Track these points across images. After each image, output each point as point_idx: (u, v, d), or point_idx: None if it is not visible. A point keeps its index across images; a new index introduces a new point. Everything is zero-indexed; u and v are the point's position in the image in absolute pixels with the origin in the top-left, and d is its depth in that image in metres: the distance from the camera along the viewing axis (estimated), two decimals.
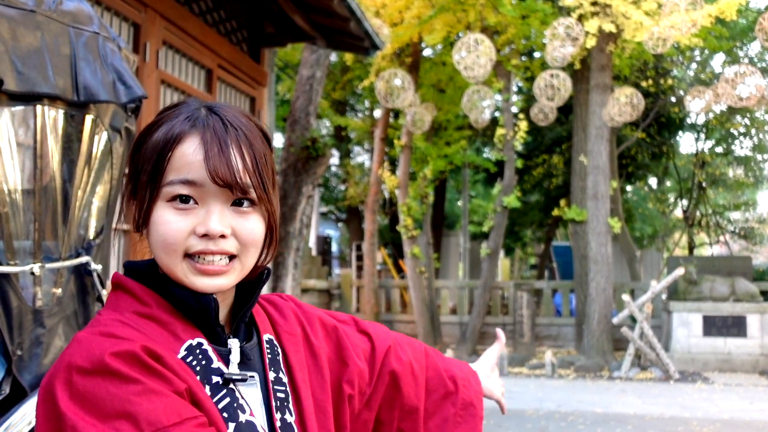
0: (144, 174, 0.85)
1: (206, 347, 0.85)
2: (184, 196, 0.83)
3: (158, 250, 0.85)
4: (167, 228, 0.83)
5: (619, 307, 11.13)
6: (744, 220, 21.08)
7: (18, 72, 1.41)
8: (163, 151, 0.84)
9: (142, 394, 0.72)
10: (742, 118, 15.96)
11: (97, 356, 0.73)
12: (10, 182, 1.47)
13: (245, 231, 0.85)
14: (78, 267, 1.66)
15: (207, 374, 0.84)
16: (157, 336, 0.82)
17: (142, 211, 0.86)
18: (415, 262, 11.83)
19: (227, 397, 0.84)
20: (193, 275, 0.84)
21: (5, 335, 1.42)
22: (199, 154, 0.83)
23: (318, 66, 7.84)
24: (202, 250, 0.83)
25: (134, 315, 0.84)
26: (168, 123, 0.86)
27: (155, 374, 0.75)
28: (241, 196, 0.85)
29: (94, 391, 0.71)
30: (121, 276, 0.89)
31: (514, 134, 11.23)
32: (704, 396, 8.06)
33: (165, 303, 0.86)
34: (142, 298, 0.85)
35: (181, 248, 0.83)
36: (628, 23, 9.46)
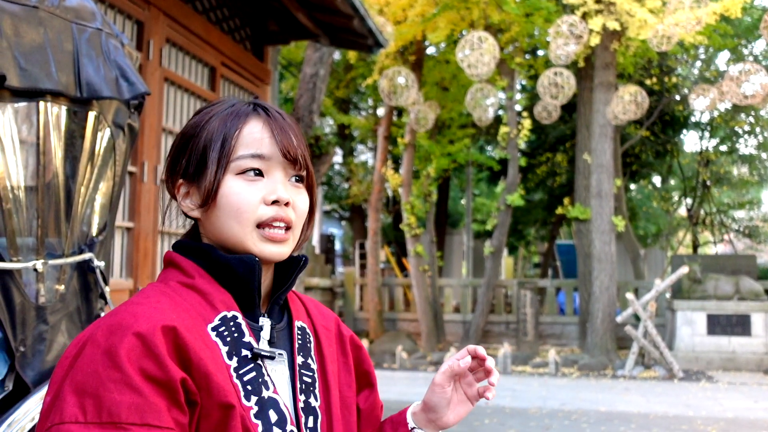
0: (212, 152, 0.92)
1: (240, 321, 0.91)
2: (256, 170, 0.91)
3: (230, 220, 0.91)
4: (240, 197, 0.90)
5: (622, 306, 11.11)
6: (748, 219, 21.01)
7: (21, 68, 1.41)
8: (231, 130, 0.92)
9: (119, 383, 0.76)
10: (747, 117, 15.90)
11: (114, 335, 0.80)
12: (13, 179, 1.47)
13: (300, 203, 0.95)
14: (81, 264, 1.66)
15: (237, 346, 0.89)
16: (196, 304, 0.89)
17: (212, 185, 0.92)
18: (419, 261, 11.82)
19: (253, 372, 0.89)
20: (262, 243, 0.91)
21: (8, 332, 1.42)
22: (267, 132, 0.93)
23: (321, 64, 7.84)
24: (274, 216, 0.91)
25: (178, 284, 0.91)
26: (225, 111, 0.95)
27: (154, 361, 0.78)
28: (299, 171, 0.95)
29: (86, 366, 0.78)
30: (173, 253, 0.97)
31: (517, 132, 11.21)
32: (708, 395, 8.04)
33: (207, 275, 0.92)
34: (188, 271, 0.93)
35: (253, 216, 0.91)
36: (632, 21, 9.43)
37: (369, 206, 12.90)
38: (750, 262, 11.52)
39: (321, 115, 13.30)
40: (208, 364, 0.83)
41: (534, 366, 9.97)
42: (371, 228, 12.52)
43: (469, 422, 6.46)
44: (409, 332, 12.24)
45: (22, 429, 1.37)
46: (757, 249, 20.91)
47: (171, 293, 0.89)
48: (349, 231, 22.50)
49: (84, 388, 0.77)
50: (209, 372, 0.82)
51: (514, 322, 11.98)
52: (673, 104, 14.64)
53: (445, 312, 12.49)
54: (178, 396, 0.79)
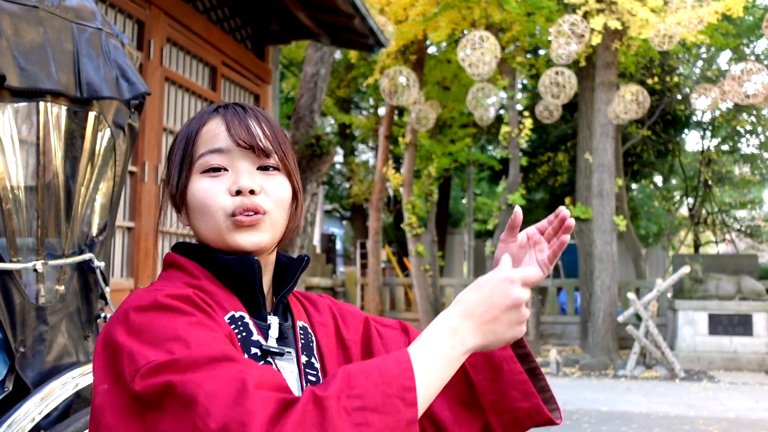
0: (176, 157, 0.95)
1: (247, 320, 0.91)
2: (216, 167, 0.92)
3: (200, 216, 0.93)
4: (203, 193, 0.92)
5: (624, 306, 11.10)
6: (750, 218, 20.99)
7: (21, 68, 1.41)
8: (191, 133, 0.95)
9: (194, 324, 0.78)
10: (749, 116, 15.88)
11: (152, 297, 0.81)
12: (13, 179, 1.46)
13: (273, 188, 0.94)
14: (81, 264, 1.65)
15: (246, 345, 0.89)
16: None
17: (177, 189, 0.95)
18: (420, 260, 11.82)
19: None
20: (235, 231, 0.91)
21: (8, 332, 1.41)
22: (223, 126, 0.94)
23: (322, 63, 7.83)
24: (241, 205, 0.91)
25: (184, 285, 0.90)
26: (190, 119, 0.98)
27: (206, 314, 0.82)
28: (264, 158, 0.94)
29: (149, 323, 0.78)
30: (174, 254, 0.97)
31: (518, 132, 11.20)
32: (710, 395, 8.03)
33: (212, 276, 0.93)
34: (192, 272, 0.93)
35: (219, 209, 0.91)
36: (633, 20, 9.41)
37: (370, 206, 12.90)
38: (752, 262, 11.50)
39: (322, 115, 13.30)
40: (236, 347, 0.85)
41: None
42: (372, 227, 12.52)
43: None
44: None
45: (22, 429, 1.37)
46: (759, 249, 20.88)
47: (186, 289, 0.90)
48: (350, 230, 22.50)
49: (160, 338, 0.76)
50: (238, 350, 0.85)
51: None
52: (674, 103, 14.62)
53: None
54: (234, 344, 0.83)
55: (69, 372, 1.51)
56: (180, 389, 0.71)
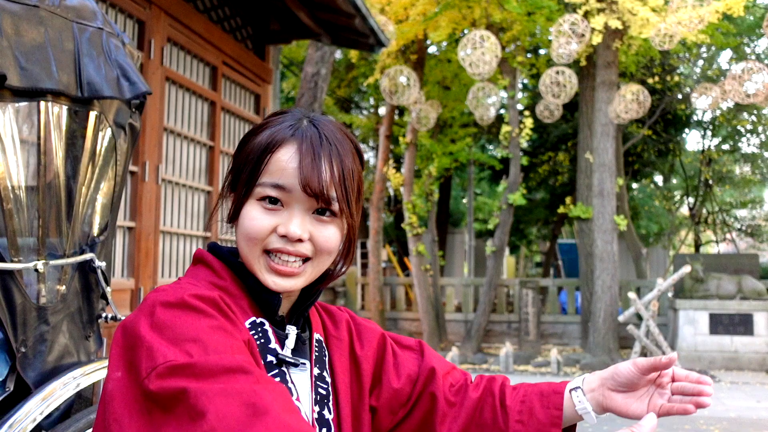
0: (244, 172, 0.93)
1: (267, 327, 0.93)
2: (273, 198, 0.91)
3: (242, 242, 0.93)
4: (253, 223, 0.91)
5: (624, 305, 11.09)
6: (751, 218, 20.99)
7: (21, 68, 1.40)
8: (263, 154, 0.92)
9: (216, 328, 0.79)
10: (749, 115, 15.87)
11: (179, 295, 0.82)
12: (14, 179, 1.46)
13: (322, 238, 0.92)
14: (82, 264, 1.65)
15: (264, 352, 0.90)
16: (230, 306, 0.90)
17: (233, 205, 0.95)
18: (420, 260, 11.82)
19: (277, 378, 0.90)
20: (267, 272, 0.92)
21: (9, 332, 1.41)
22: (294, 162, 0.90)
23: (323, 63, 7.83)
24: (280, 249, 0.91)
25: (209, 284, 0.91)
26: (272, 128, 0.94)
27: (228, 319, 0.82)
28: (324, 206, 0.92)
29: (173, 320, 0.79)
30: (204, 251, 0.97)
31: (519, 131, 11.19)
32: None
33: (238, 281, 0.94)
34: (219, 272, 0.93)
35: (261, 243, 0.91)
36: (634, 20, 9.40)
37: (370, 205, 12.89)
38: (752, 261, 11.50)
39: (322, 114, 13.27)
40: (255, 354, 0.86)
41: (536, 365, 9.96)
42: (373, 227, 12.51)
43: None
44: (411, 332, 12.24)
45: (23, 430, 1.37)
46: (760, 248, 20.88)
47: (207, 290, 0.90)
48: None
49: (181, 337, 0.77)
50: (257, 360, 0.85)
51: (515, 321, 11.96)
52: (675, 103, 14.61)
53: (446, 311, 12.48)
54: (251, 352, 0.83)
55: (70, 372, 1.51)
56: (192, 399, 0.71)
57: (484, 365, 10.08)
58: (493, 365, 9.96)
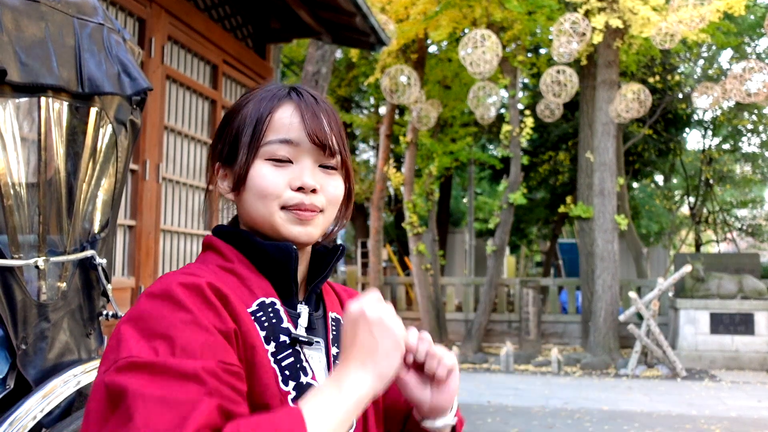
0: (244, 136, 0.94)
1: (278, 307, 0.91)
2: (282, 158, 0.92)
3: (255, 202, 0.92)
4: (266, 180, 0.91)
5: (625, 305, 11.09)
6: (751, 217, 20.99)
7: (22, 63, 1.39)
8: (263, 115, 0.93)
9: (189, 323, 0.77)
10: (750, 115, 15.87)
11: (166, 284, 0.81)
12: (15, 175, 1.45)
13: (331, 188, 0.95)
14: (83, 261, 1.64)
15: (275, 332, 0.88)
16: (235, 288, 0.88)
17: (241, 169, 0.93)
18: (421, 259, 11.81)
19: (291, 357, 0.89)
20: (290, 224, 0.92)
21: (10, 329, 1.40)
22: (296, 117, 0.93)
23: (323, 62, 7.82)
24: (298, 204, 0.92)
25: (217, 268, 0.91)
26: (260, 95, 0.96)
27: (210, 309, 0.80)
28: (329, 157, 0.94)
29: (149, 312, 0.78)
30: (212, 237, 0.97)
31: (520, 131, 11.18)
32: (712, 394, 8.02)
33: (246, 261, 0.93)
34: (227, 255, 0.93)
35: (277, 199, 0.91)
36: (635, 19, 9.40)
37: (371, 205, 12.88)
38: (753, 261, 11.49)
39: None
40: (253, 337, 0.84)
41: (536, 365, 9.95)
42: (373, 227, 12.50)
43: (471, 420, 6.45)
44: None
45: (23, 428, 1.36)
46: (761, 247, 20.88)
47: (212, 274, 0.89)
48: (351, 230, 22.50)
49: (152, 331, 0.76)
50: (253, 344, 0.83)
51: (516, 321, 11.95)
52: (675, 102, 14.61)
53: (447, 311, 12.47)
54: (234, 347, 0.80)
55: (71, 369, 1.50)
56: (130, 400, 0.70)
57: (485, 365, 10.07)
58: (493, 365, 9.95)
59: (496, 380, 8.89)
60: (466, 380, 8.82)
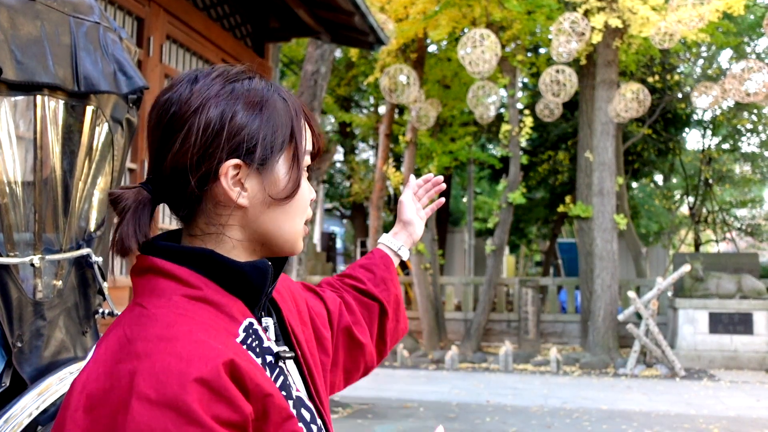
0: (300, 141, 0.84)
1: (256, 326, 0.81)
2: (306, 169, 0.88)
3: (295, 218, 0.86)
4: (308, 194, 0.88)
5: (624, 304, 11.09)
6: (751, 217, 21.00)
7: (17, 61, 1.39)
8: (295, 115, 0.84)
9: None
10: (749, 115, 15.87)
11: (170, 384, 0.66)
12: (10, 173, 1.45)
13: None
14: (79, 259, 1.64)
15: (263, 354, 0.81)
16: (214, 319, 0.76)
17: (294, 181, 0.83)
18: (420, 259, 11.81)
19: (281, 375, 0.82)
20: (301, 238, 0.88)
21: (5, 327, 1.40)
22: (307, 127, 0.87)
23: (322, 61, 7.82)
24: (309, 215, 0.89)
25: (184, 299, 0.76)
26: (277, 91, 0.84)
27: (226, 405, 0.68)
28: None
29: (150, 425, 0.65)
30: (155, 259, 0.78)
31: (519, 130, 11.18)
32: (710, 393, 8.03)
33: (213, 284, 0.78)
34: (190, 281, 0.77)
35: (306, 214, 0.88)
36: (634, 18, 9.40)
37: (370, 204, 12.89)
38: (752, 261, 11.49)
39: (322, 113, 13.29)
40: (265, 384, 0.74)
41: (535, 364, 9.95)
42: (372, 226, 12.50)
43: (470, 420, 6.45)
44: (411, 330, 12.23)
45: (18, 425, 1.36)
46: (760, 247, 20.89)
47: (185, 312, 0.75)
48: (351, 229, 22.50)
49: None
50: (268, 393, 0.74)
51: (515, 320, 11.96)
52: (675, 102, 14.61)
53: (446, 310, 12.48)
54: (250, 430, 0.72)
55: (66, 367, 1.51)
56: None
57: (484, 364, 10.08)
58: (492, 364, 9.95)
59: (495, 380, 8.90)
60: (464, 379, 8.83)
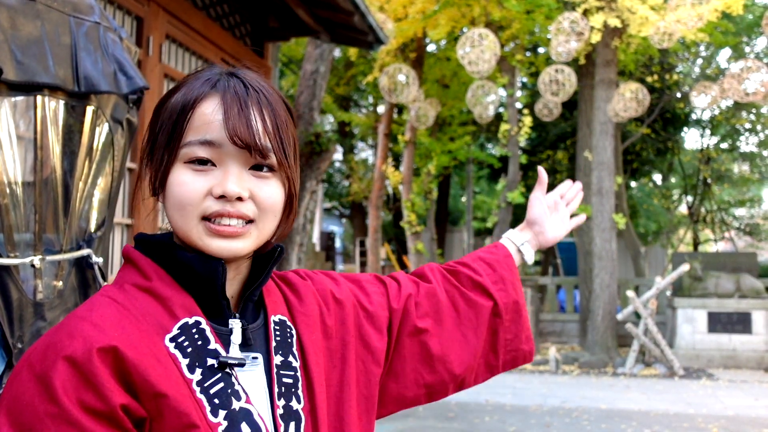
0: (162, 135, 0.84)
1: (204, 327, 0.82)
2: (203, 159, 0.82)
3: (174, 212, 0.83)
4: (183, 188, 0.81)
5: (623, 304, 11.10)
6: (749, 217, 21.02)
7: (18, 61, 1.39)
8: (183, 111, 0.83)
9: (57, 419, 0.70)
10: (748, 114, 15.88)
11: (47, 358, 0.73)
12: (10, 174, 1.45)
13: (263, 195, 0.84)
14: (79, 260, 1.64)
15: (201, 356, 0.80)
16: (153, 312, 0.80)
17: (159, 173, 0.84)
18: (419, 258, 11.81)
19: (221, 383, 0.80)
20: (208, 237, 0.82)
21: (5, 328, 1.40)
22: (219, 114, 0.81)
23: (321, 61, 7.82)
24: (219, 212, 0.81)
25: (133, 288, 0.82)
26: (188, 85, 0.85)
27: (89, 389, 0.71)
28: (260, 159, 0.83)
29: (23, 397, 0.72)
30: (130, 248, 0.88)
31: (518, 130, 11.19)
32: (709, 392, 8.03)
33: (168, 277, 0.83)
34: (145, 271, 0.84)
35: (197, 209, 0.81)
36: (633, 18, 9.40)
37: (369, 204, 12.88)
38: (751, 260, 11.50)
39: (321, 113, 13.29)
40: (160, 383, 0.75)
41: (534, 363, 9.96)
42: (372, 225, 12.50)
43: (469, 419, 6.46)
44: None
45: None
46: (758, 246, 20.91)
47: (124, 300, 0.80)
48: (350, 228, 22.50)
49: (21, 421, 0.70)
50: (161, 392, 0.74)
51: None
52: (674, 102, 14.62)
53: None
54: (124, 424, 0.73)
55: None
56: None
57: None
58: None
59: (494, 379, 8.88)
60: None
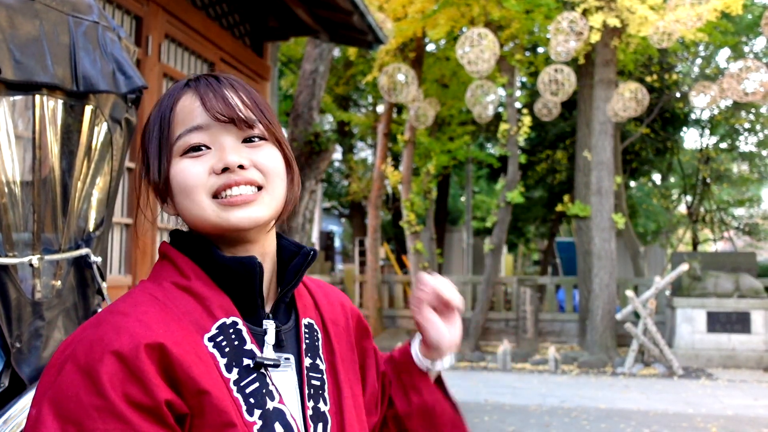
0: (152, 143, 0.88)
1: (241, 327, 0.84)
2: (196, 146, 0.85)
3: (185, 201, 0.85)
4: (185, 173, 0.84)
5: (622, 303, 11.10)
6: (748, 216, 21.03)
7: (16, 61, 1.39)
8: (164, 114, 0.87)
9: (103, 411, 0.72)
10: (747, 114, 15.89)
11: (94, 353, 0.74)
12: (9, 173, 1.45)
13: (263, 160, 0.86)
14: (78, 259, 1.64)
15: (238, 356, 0.82)
16: (192, 311, 0.82)
17: (160, 175, 0.87)
18: (418, 258, 11.81)
19: (256, 382, 0.82)
20: (224, 212, 0.83)
21: (4, 328, 1.40)
22: (197, 100, 0.86)
23: (321, 60, 7.82)
24: (226, 183, 0.83)
25: (172, 286, 0.84)
26: (164, 96, 0.90)
27: (135, 383, 0.73)
28: (247, 129, 0.86)
29: (68, 390, 0.73)
30: (168, 245, 0.90)
31: (517, 129, 11.19)
32: (708, 392, 8.04)
33: (205, 276, 0.85)
34: (183, 270, 0.86)
35: (203, 189, 0.84)
36: (632, 18, 9.40)
37: (369, 203, 12.88)
38: (750, 260, 11.51)
39: (321, 112, 13.28)
40: (202, 381, 0.77)
41: (534, 363, 9.96)
42: (371, 225, 12.50)
43: (468, 419, 6.45)
44: (409, 329, 12.24)
45: (18, 425, 1.36)
46: (757, 246, 20.93)
47: (163, 298, 0.82)
48: (349, 228, 22.51)
49: (66, 414, 0.72)
50: (203, 390, 0.77)
51: (513, 319, 11.97)
52: (673, 101, 14.62)
53: None
54: (167, 419, 0.74)
55: None
56: None
57: (482, 363, 10.09)
58: (490, 363, 9.96)
59: (494, 378, 8.90)
60: (463, 378, 8.83)
